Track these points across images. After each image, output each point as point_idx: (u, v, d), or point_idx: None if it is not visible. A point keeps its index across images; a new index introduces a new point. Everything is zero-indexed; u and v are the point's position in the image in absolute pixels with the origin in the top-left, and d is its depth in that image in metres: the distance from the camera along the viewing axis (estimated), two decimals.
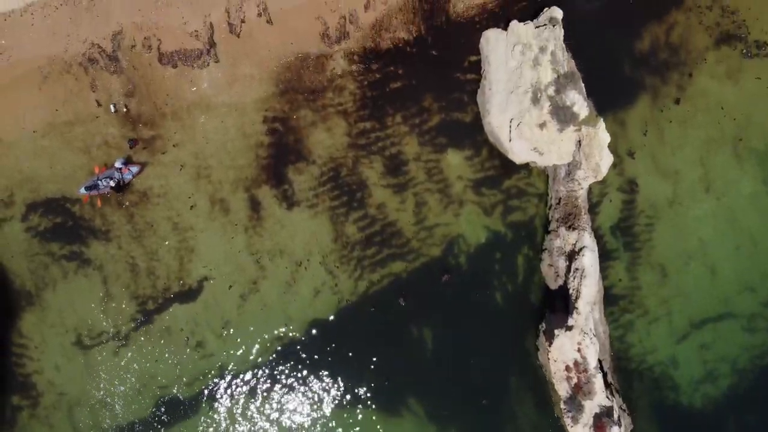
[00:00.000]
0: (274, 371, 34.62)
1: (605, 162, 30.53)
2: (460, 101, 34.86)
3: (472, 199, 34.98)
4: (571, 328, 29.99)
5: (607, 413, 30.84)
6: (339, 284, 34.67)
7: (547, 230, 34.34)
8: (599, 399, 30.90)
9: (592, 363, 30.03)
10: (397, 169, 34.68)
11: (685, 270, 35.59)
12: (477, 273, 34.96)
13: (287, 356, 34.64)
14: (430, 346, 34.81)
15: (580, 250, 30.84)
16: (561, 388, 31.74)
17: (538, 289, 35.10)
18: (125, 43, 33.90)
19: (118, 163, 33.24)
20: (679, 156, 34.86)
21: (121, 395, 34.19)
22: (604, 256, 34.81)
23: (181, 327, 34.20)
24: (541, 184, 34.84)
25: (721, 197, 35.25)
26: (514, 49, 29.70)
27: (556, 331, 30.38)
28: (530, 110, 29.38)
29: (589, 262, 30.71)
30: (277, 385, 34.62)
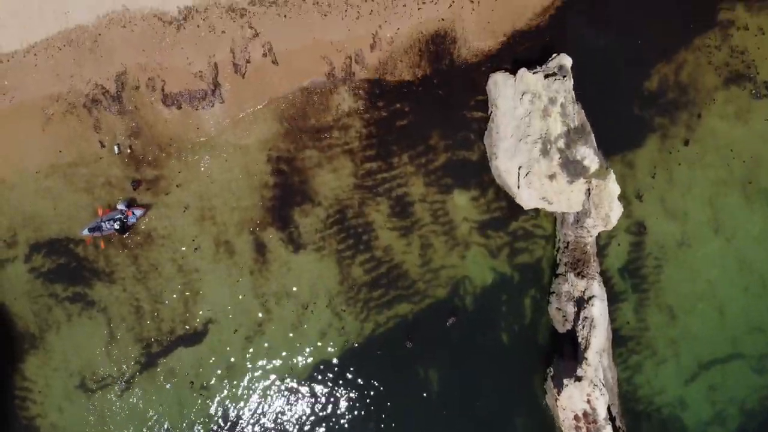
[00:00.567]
0: (280, 413, 34.35)
1: (615, 213, 30.24)
2: (467, 139, 34.57)
3: (478, 241, 34.69)
4: (580, 379, 29.69)
5: None
6: (345, 326, 34.40)
7: (555, 272, 34.04)
8: None
9: (602, 414, 29.77)
10: (403, 211, 34.40)
11: (694, 311, 35.32)
12: (484, 315, 34.67)
13: (293, 399, 34.39)
14: (437, 387, 34.53)
15: (590, 299, 30.56)
16: None
17: (546, 330, 34.80)
18: (129, 84, 33.63)
19: (121, 206, 32.96)
20: (688, 198, 34.56)
21: None
22: (613, 298, 34.52)
23: (186, 370, 33.93)
24: (549, 226, 34.55)
25: (730, 238, 34.96)
26: (522, 97, 29.38)
27: (566, 381, 30.09)
28: (539, 161, 29.08)
29: (599, 312, 30.43)
30: (283, 427, 34.33)
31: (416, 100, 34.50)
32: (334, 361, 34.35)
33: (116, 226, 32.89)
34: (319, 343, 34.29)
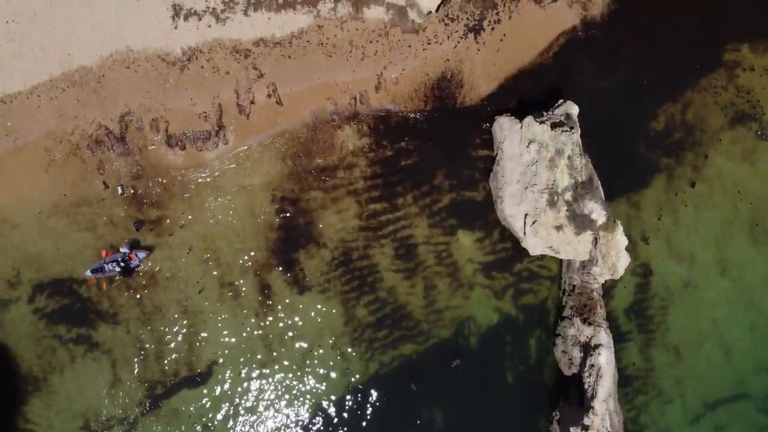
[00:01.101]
0: None
1: (622, 263, 30.06)
2: (472, 179, 34.42)
3: (482, 282, 34.53)
4: (587, 429, 29.52)
5: None
6: (350, 367, 34.25)
7: (560, 314, 33.87)
8: None
9: None
10: (408, 253, 34.25)
11: (700, 351, 35.17)
12: (488, 356, 34.49)
13: None
14: (442, 430, 34.33)
15: (596, 347, 30.39)
16: None
17: (552, 371, 34.63)
18: (133, 125, 33.49)
19: (124, 248, 32.78)
20: (695, 239, 34.41)
21: None
22: (618, 338, 34.38)
23: (190, 412, 33.79)
24: (554, 267, 34.39)
25: (737, 279, 34.79)
26: (529, 145, 29.21)
27: (572, 429, 29.91)
28: (546, 211, 28.92)
29: (606, 360, 30.25)
30: None
31: (421, 139, 34.37)
32: (339, 402, 34.19)
33: (118, 269, 32.76)
34: (324, 384, 34.14)
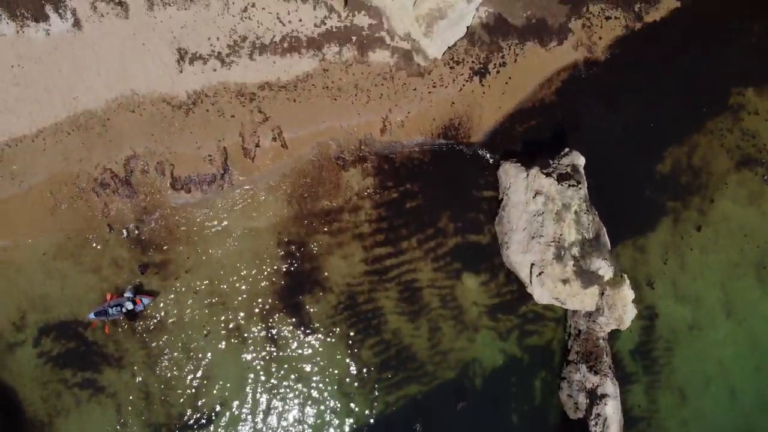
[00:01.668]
0: None
1: (629, 315, 30.03)
2: (477, 222, 34.40)
3: (487, 324, 34.53)
4: None
5: None
6: (355, 408, 34.24)
7: (566, 356, 33.84)
8: None
9: None
10: (412, 296, 34.25)
11: (705, 392, 35.17)
12: (493, 397, 34.50)
13: None
14: None
15: (603, 397, 30.38)
16: None
17: (557, 413, 34.63)
18: (138, 168, 33.48)
19: (128, 293, 32.80)
20: (700, 282, 34.41)
21: None
22: (623, 380, 34.36)
23: None
24: (560, 309, 34.32)
25: (742, 321, 34.78)
26: (535, 196, 29.17)
27: None
28: (553, 264, 28.88)
29: (612, 410, 30.26)
30: None
31: (425, 181, 34.34)
32: None
33: (123, 312, 32.77)
34: (330, 426, 34.13)
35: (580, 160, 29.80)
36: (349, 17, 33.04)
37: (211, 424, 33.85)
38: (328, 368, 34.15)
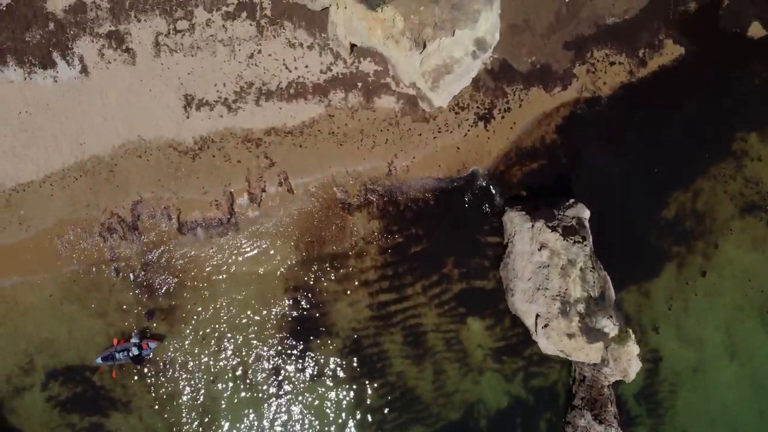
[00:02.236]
0: None
1: (634, 369, 30.22)
2: (482, 267, 34.56)
3: (492, 366, 34.72)
4: None
5: None
6: None
7: (570, 399, 34.00)
8: None
9: None
10: (417, 340, 34.47)
11: None
12: None
13: None
14: None
15: None
16: None
17: None
18: (145, 213, 33.66)
19: (135, 339, 32.99)
20: (704, 325, 34.60)
21: None
22: (628, 422, 34.57)
23: None
24: None
25: (746, 364, 34.96)
26: (541, 249, 29.35)
27: None
28: (558, 318, 29.06)
29: None
30: None
31: (430, 225, 34.48)
32: None
33: (130, 357, 32.94)
34: None
35: (585, 213, 29.96)
36: (354, 63, 33.23)
37: None
38: (334, 411, 34.33)
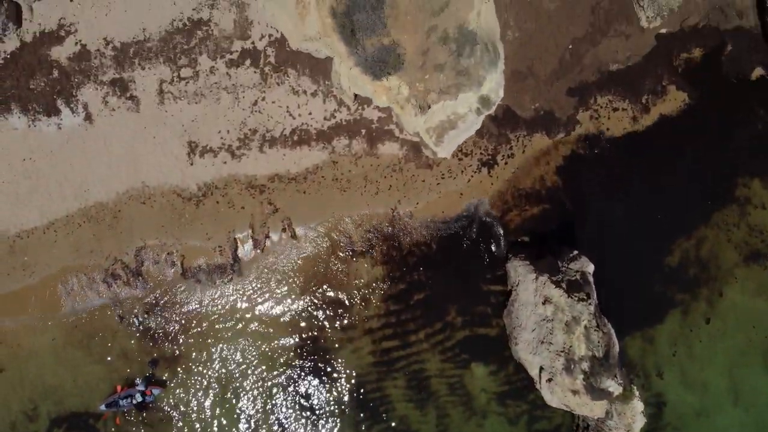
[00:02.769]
0: None
1: (638, 424, 30.23)
2: (485, 315, 34.56)
3: (495, 410, 34.75)
4: None
5: None
6: None
7: None
8: None
9: None
10: (420, 385, 34.51)
11: None
12: None
13: None
14: None
15: None
16: None
17: None
18: (149, 259, 33.66)
19: (139, 386, 33.01)
20: (708, 370, 34.59)
21: None
22: None
23: None
24: None
25: (749, 408, 34.95)
26: (545, 304, 29.38)
27: None
28: (562, 374, 29.06)
29: None
30: None
31: (433, 272, 34.42)
32: None
33: (133, 403, 32.95)
34: None
35: (590, 268, 29.98)
36: (358, 110, 33.25)
37: None
38: None
